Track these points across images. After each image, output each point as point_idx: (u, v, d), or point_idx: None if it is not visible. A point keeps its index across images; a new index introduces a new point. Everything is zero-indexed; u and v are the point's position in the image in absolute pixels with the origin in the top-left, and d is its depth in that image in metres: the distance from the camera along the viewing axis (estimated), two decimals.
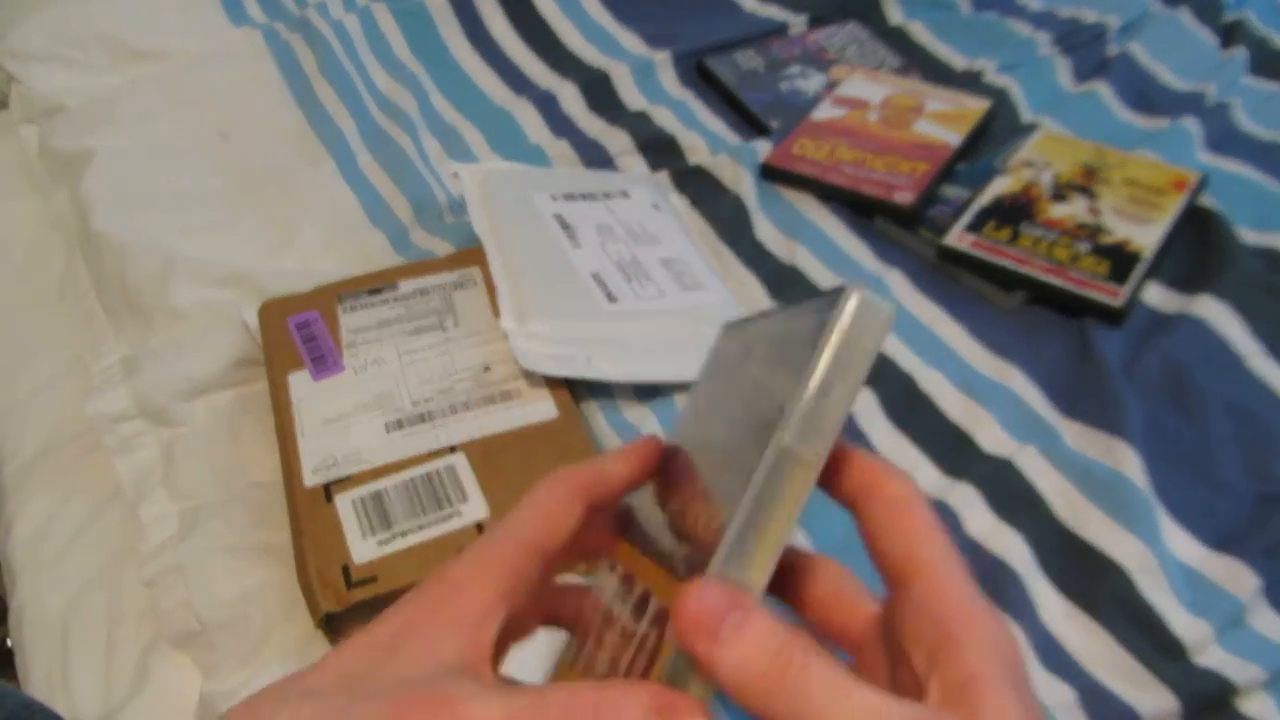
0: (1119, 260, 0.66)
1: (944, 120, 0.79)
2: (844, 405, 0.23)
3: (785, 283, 0.69)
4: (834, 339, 0.23)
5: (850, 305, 0.23)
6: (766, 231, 0.73)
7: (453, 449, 0.55)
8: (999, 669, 0.22)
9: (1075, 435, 0.58)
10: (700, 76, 0.89)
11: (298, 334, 0.61)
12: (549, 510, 0.28)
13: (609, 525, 0.31)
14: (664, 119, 0.83)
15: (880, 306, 0.23)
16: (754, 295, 0.68)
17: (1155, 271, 0.67)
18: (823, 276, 0.69)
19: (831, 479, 0.27)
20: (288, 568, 0.51)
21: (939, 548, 0.26)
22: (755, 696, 0.22)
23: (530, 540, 0.27)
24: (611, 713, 0.23)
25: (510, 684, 0.26)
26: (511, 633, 0.29)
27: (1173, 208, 0.69)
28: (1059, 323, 0.65)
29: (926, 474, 0.57)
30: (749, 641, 0.22)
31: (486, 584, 0.26)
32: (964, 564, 0.25)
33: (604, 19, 0.95)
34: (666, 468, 0.30)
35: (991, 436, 0.58)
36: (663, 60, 0.88)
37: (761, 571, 0.23)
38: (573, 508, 0.28)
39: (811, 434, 0.23)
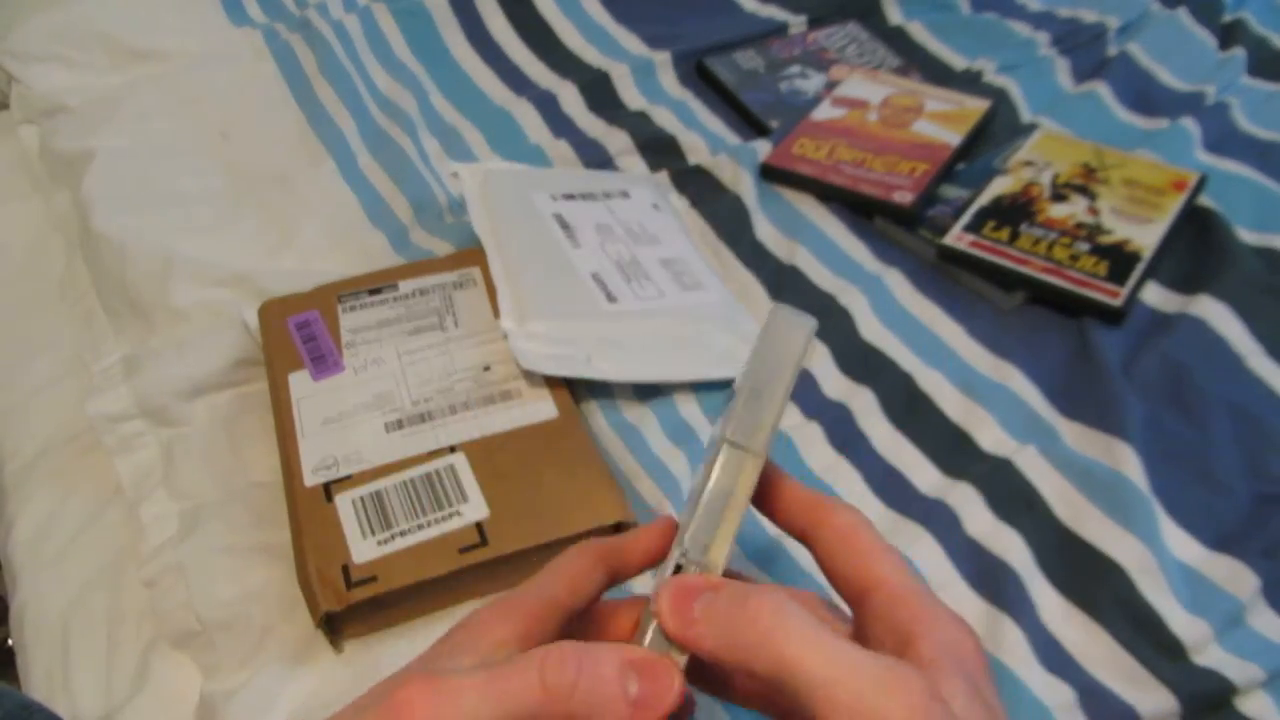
0: (1118, 260, 0.66)
1: (944, 120, 0.79)
2: (778, 402, 0.28)
3: (785, 283, 0.69)
4: (760, 349, 0.29)
5: (774, 319, 0.30)
6: (766, 231, 0.73)
7: (453, 449, 0.55)
8: (952, 661, 0.24)
9: (1075, 435, 0.58)
10: (700, 77, 0.89)
11: (298, 334, 0.61)
12: (572, 575, 0.31)
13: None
14: (664, 119, 0.83)
15: (802, 321, 0.30)
16: (754, 295, 0.68)
17: (1155, 271, 0.67)
18: (822, 276, 0.69)
19: (784, 515, 0.31)
20: (288, 568, 0.52)
21: (891, 563, 0.29)
22: (740, 659, 0.25)
23: (552, 597, 0.30)
24: (591, 665, 0.25)
25: None
26: None
27: (1172, 208, 0.69)
28: (1058, 323, 0.65)
29: (926, 474, 0.57)
30: (718, 615, 0.25)
31: (505, 624, 0.28)
32: (919, 576, 0.27)
33: (604, 19, 0.95)
34: None
35: (991, 436, 0.58)
36: (663, 60, 0.88)
37: (720, 552, 0.28)
38: (595, 575, 0.31)
39: (750, 428, 0.28)
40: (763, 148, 0.79)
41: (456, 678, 0.25)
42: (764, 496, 0.31)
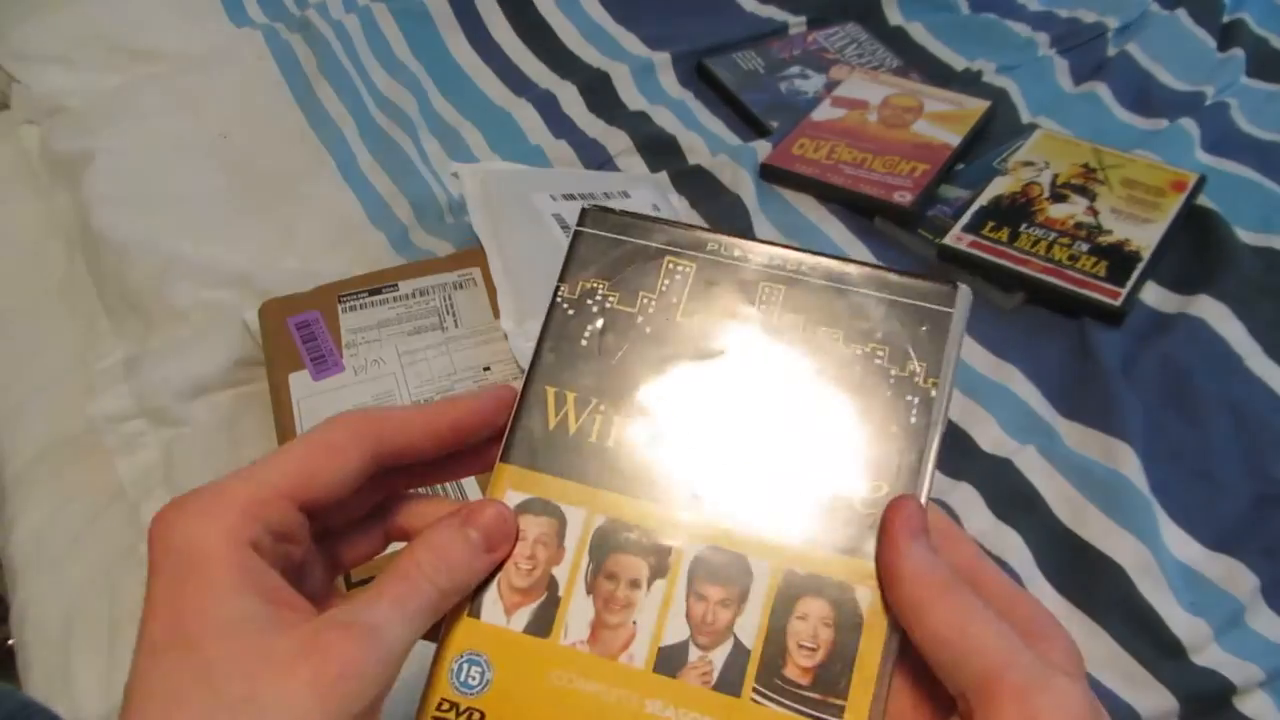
0: (1118, 260, 0.66)
1: (943, 121, 0.79)
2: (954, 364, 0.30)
3: None
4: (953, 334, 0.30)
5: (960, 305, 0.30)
6: (766, 232, 0.73)
7: None
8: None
9: (1074, 435, 0.58)
10: (700, 77, 0.89)
11: (298, 334, 0.61)
12: (313, 456, 0.26)
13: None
14: (664, 119, 0.83)
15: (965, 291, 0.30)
16: None
17: (1154, 272, 0.67)
18: None
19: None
20: None
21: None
22: (919, 598, 0.25)
23: (280, 487, 0.25)
24: (432, 533, 0.27)
25: None
26: (347, 554, 0.30)
27: (1171, 208, 0.69)
28: (1058, 323, 0.65)
29: None
30: (938, 555, 0.26)
31: (220, 564, 0.24)
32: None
33: (604, 19, 0.95)
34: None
35: (991, 436, 0.58)
36: (662, 61, 0.89)
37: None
38: (350, 454, 0.27)
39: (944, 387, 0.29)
40: (763, 148, 0.79)
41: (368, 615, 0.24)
42: None
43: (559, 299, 0.32)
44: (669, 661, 0.27)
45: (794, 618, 0.27)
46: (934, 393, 0.29)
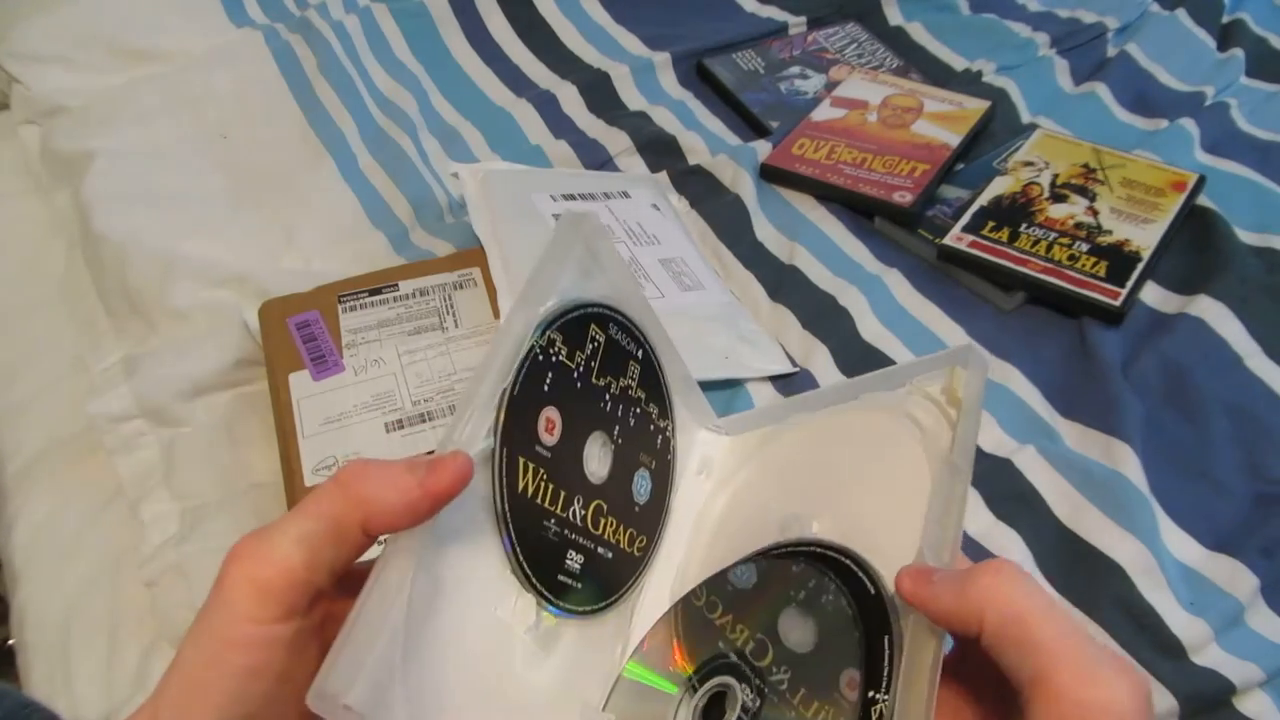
0: (1118, 260, 0.66)
1: (943, 121, 0.79)
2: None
3: (785, 283, 0.69)
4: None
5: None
6: (766, 232, 0.73)
7: None
8: None
9: (1074, 435, 0.58)
10: (700, 77, 0.89)
11: (298, 334, 0.61)
12: (314, 544, 0.26)
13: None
14: (664, 119, 0.83)
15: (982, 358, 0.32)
16: (754, 295, 0.68)
17: (1154, 272, 0.67)
18: (822, 277, 0.69)
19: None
20: None
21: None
22: (973, 609, 0.25)
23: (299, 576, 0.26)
24: (379, 465, 0.26)
25: None
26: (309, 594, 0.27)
27: (1171, 208, 0.69)
28: (1058, 323, 0.65)
29: None
30: (953, 576, 0.26)
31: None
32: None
33: (604, 20, 0.95)
34: None
35: (991, 436, 0.58)
36: (662, 61, 0.89)
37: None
38: (348, 539, 0.26)
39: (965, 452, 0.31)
40: (763, 148, 0.79)
41: (270, 526, 0.26)
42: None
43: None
44: None
45: None
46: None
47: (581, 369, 0.34)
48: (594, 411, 0.35)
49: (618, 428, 0.36)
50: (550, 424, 0.33)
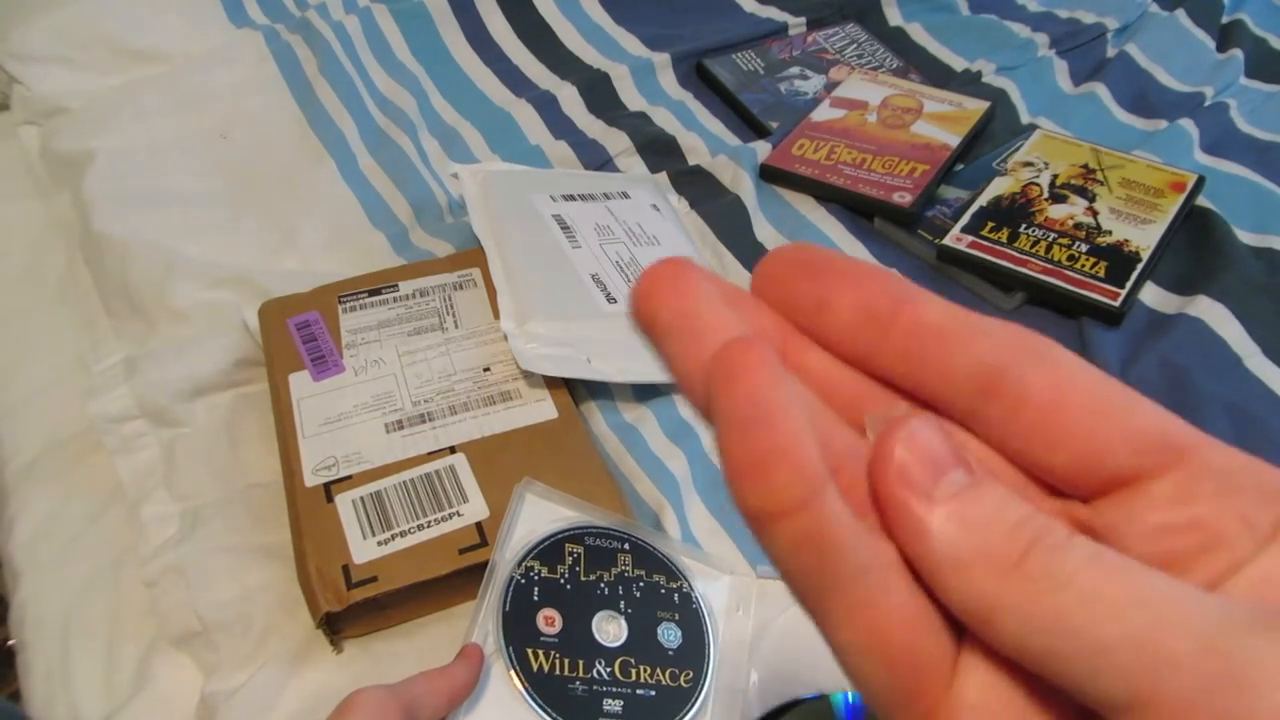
0: (1117, 261, 0.66)
1: (943, 121, 0.79)
2: None
3: None
4: None
5: None
6: (766, 232, 0.73)
7: (453, 449, 0.55)
8: None
9: None
10: (700, 78, 0.89)
11: (298, 334, 0.61)
12: None
13: None
14: (664, 120, 0.83)
15: None
16: None
17: (1153, 272, 0.67)
18: None
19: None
20: (288, 568, 0.52)
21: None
22: (978, 580, 0.14)
23: None
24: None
25: None
26: None
27: (1171, 209, 0.69)
28: (1057, 323, 0.65)
29: None
30: (980, 504, 0.15)
31: None
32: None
33: (603, 20, 0.95)
34: None
35: None
36: (662, 61, 0.89)
37: None
38: None
39: None
40: (762, 149, 0.79)
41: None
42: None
43: None
44: None
45: None
46: None
47: (567, 575, 0.46)
48: (592, 598, 0.46)
49: (623, 602, 0.46)
50: (549, 619, 0.45)
